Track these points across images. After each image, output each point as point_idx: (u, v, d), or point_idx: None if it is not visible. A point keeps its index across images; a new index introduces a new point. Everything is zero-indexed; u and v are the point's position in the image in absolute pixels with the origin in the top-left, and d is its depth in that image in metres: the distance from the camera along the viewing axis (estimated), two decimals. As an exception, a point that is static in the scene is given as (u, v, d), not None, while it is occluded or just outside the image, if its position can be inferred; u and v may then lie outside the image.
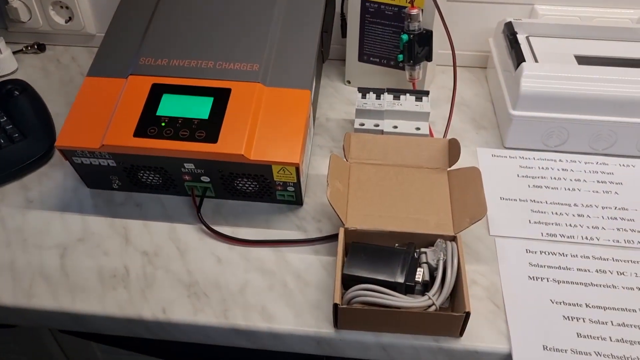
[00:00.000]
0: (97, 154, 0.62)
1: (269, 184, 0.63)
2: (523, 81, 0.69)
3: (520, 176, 0.70)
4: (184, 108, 0.62)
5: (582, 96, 0.68)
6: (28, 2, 0.91)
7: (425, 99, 0.72)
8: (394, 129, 0.71)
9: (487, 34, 0.86)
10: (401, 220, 0.59)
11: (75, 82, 0.88)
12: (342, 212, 0.59)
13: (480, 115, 0.80)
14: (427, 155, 0.65)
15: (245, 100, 0.62)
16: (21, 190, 0.69)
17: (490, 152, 0.74)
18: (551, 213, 0.65)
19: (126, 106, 0.62)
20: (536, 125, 0.71)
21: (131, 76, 0.65)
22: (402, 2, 0.74)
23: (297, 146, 0.60)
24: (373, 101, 0.71)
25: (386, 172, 0.64)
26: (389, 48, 0.79)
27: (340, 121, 0.79)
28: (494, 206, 0.66)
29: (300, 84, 0.64)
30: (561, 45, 0.77)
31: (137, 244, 0.62)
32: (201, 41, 0.68)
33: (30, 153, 0.71)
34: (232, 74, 0.64)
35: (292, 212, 0.66)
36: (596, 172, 0.70)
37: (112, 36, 0.70)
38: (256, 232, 0.63)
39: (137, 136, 0.60)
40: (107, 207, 0.67)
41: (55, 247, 0.62)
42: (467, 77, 0.88)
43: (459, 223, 0.58)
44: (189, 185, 0.65)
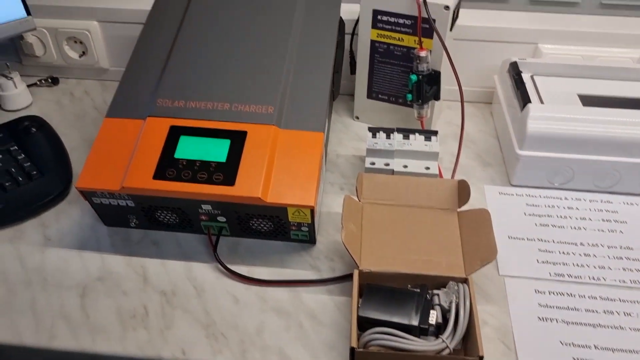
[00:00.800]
0: (116, 195, 0.64)
1: (283, 224, 0.65)
2: (530, 122, 0.71)
3: (527, 214, 0.72)
4: (201, 150, 0.64)
5: (587, 137, 0.70)
6: (43, 37, 0.93)
7: (434, 139, 0.74)
8: (404, 168, 0.72)
9: (492, 71, 0.88)
10: (413, 261, 0.61)
11: (88, 116, 0.90)
12: (356, 254, 0.60)
13: (485, 152, 0.82)
14: (438, 196, 0.67)
15: (261, 143, 0.64)
16: (39, 227, 0.70)
17: (497, 190, 0.76)
18: (558, 252, 0.67)
19: (145, 148, 0.64)
20: (542, 164, 0.73)
21: (149, 118, 0.67)
22: (410, 43, 0.76)
23: (311, 188, 0.61)
24: (383, 141, 0.73)
25: (398, 212, 0.66)
26: (397, 86, 0.81)
27: (349, 157, 0.81)
28: (502, 245, 0.68)
29: (314, 127, 0.66)
30: (565, 85, 0.79)
31: (155, 283, 0.64)
32: (217, 83, 0.69)
33: (48, 190, 0.72)
34: (247, 116, 0.66)
35: (305, 251, 0.67)
36: (601, 211, 0.72)
37: (130, 76, 0.72)
38: (271, 272, 0.65)
39: (156, 178, 0.62)
40: (124, 246, 0.68)
41: (75, 286, 0.63)
42: (472, 113, 0.90)
43: (470, 265, 0.60)
44: (206, 225, 0.67)
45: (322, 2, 0.79)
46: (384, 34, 0.77)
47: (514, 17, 0.85)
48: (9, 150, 0.76)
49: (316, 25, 0.76)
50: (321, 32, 0.75)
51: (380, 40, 0.78)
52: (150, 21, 0.78)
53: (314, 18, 0.77)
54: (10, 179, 0.72)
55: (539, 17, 0.86)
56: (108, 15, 0.90)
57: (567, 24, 0.84)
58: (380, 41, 0.78)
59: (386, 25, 0.76)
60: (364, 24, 0.77)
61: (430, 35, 0.74)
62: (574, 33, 0.84)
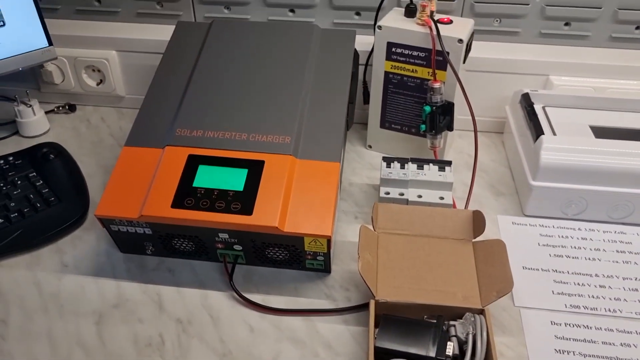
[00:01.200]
0: (134, 222, 0.64)
1: (299, 253, 0.65)
2: (543, 154, 0.71)
3: (541, 245, 0.72)
4: (219, 179, 0.64)
5: (600, 168, 0.71)
6: (62, 65, 0.95)
7: (448, 169, 0.74)
8: (419, 198, 0.73)
9: (503, 102, 0.90)
10: (429, 292, 0.61)
11: (105, 143, 0.91)
12: (373, 284, 0.61)
13: (498, 181, 0.83)
14: (452, 226, 0.67)
15: (278, 173, 0.65)
16: (56, 254, 0.71)
17: (510, 220, 0.76)
18: (573, 284, 0.67)
19: (163, 176, 0.65)
20: (555, 195, 0.73)
21: (168, 147, 0.68)
22: (424, 75, 0.78)
23: (328, 218, 0.62)
24: (398, 170, 0.74)
25: (413, 242, 0.66)
26: (410, 116, 0.82)
27: (363, 186, 0.82)
28: (517, 276, 0.68)
29: (330, 157, 0.67)
30: (577, 116, 0.80)
31: (170, 311, 0.64)
32: (234, 113, 0.71)
33: (66, 217, 0.73)
34: (264, 146, 0.67)
35: (320, 280, 0.67)
36: (615, 242, 0.72)
37: (149, 106, 0.73)
38: (286, 301, 0.65)
39: (175, 207, 0.62)
40: (140, 273, 0.68)
41: (91, 313, 0.64)
42: (483, 142, 0.91)
43: (486, 296, 0.60)
44: (221, 253, 0.67)
45: (337, 35, 0.81)
46: (398, 66, 0.78)
47: (526, 49, 0.87)
48: (27, 177, 0.77)
49: (332, 57, 0.78)
50: (336, 64, 0.77)
51: (394, 71, 0.79)
52: (169, 51, 0.80)
53: (329, 50, 0.79)
54: (29, 205, 0.73)
55: (550, 49, 0.87)
56: (126, 45, 0.92)
57: (578, 56, 0.86)
58: (394, 72, 0.79)
59: (400, 57, 0.78)
60: (379, 55, 0.79)
61: (444, 67, 0.76)
62: (584, 65, 0.85)
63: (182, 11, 0.92)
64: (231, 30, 0.82)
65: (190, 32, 0.83)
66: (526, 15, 0.85)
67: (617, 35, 0.86)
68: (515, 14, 0.85)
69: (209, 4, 0.91)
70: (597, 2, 0.83)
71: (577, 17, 0.85)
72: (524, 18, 0.86)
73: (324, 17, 0.89)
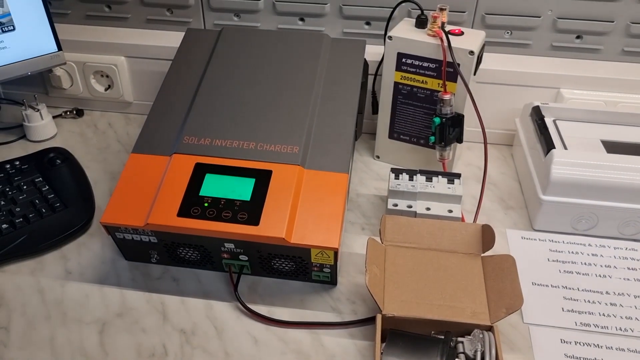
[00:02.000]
0: (140, 231, 0.64)
1: (306, 265, 0.64)
2: (553, 168, 0.70)
3: (551, 260, 0.71)
4: (226, 189, 0.64)
5: (611, 184, 0.70)
6: (71, 70, 0.95)
7: (457, 182, 0.73)
8: (427, 210, 0.72)
9: (513, 114, 0.89)
10: (437, 307, 0.60)
11: (111, 149, 0.91)
12: (379, 298, 0.60)
13: (507, 195, 0.82)
14: (461, 240, 0.66)
15: (285, 183, 0.64)
16: (60, 260, 0.70)
17: (519, 234, 0.75)
18: (584, 301, 0.66)
19: (170, 185, 0.65)
20: (565, 210, 0.72)
21: (175, 155, 0.67)
22: (434, 86, 0.77)
23: (335, 230, 0.61)
24: (406, 182, 0.73)
25: (421, 256, 0.65)
26: (419, 127, 0.82)
27: (370, 197, 0.81)
28: (526, 292, 0.66)
29: (338, 168, 0.66)
30: (588, 130, 0.79)
31: (174, 322, 0.63)
32: (243, 122, 0.70)
33: (71, 223, 0.73)
34: (272, 155, 0.67)
35: (326, 292, 0.67)
36: (626, 259, 0.71)
37: (157, 113, 0.73)
38: (291, 313, 0.64)
39: (181, 216, 0.62)
40: (144, 281, 0.68)
41: (94, 322, 0.63)
42: (493, 154, 0.90)
43: (495, 313, 0.59)
44: (227, 263, 0.67)
45: (347, 45, 0.81)
46: (408, 77, 0.78)
47: (537, 62, 0.86)
48: (34, 182, 0.77)
49: (341, 68, 0.77)
50: (346, 74, 0.76)
51: (404, 82, 0.79)
52: (178, 59, 0.80)
53: (339, 60, 0.78)
54: (34, 211, 0.73)
55: (561, 62, 0.86)
56: (135, 51, 0.92)
57: (589, 69, 0.85)
58: (403, 83, 0.79)
59: (410, 68, 0.77)
60: (388, 66, 0.78)
61: (454, 79, 0.75)
62: (596, 79, 0.84)
63: (191, 18, 0.92)
64: (241, 39, 0.81)
65: (199, 39, 0.82)
66: (538, 27, 0.85)
67: (630, 49, 0.85)
68: (526, 26, 0.85)
69: (219, 12, 0.91)
70: (610, 15, 0.82)
71: (589, 30, 0.84)
72: (535, 30, 0.85)
73: (334, 26, 0.89)
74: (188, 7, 0.91)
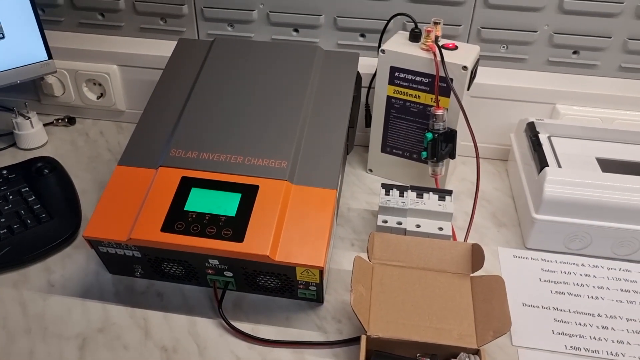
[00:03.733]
0: (123, 245, 0.63)
1: (291, 282, 0.63)
2: (547, 187, 0.69)
3: (543, 280, 0.70)
4: (211, 204, 0.63)
5: (605, 204, 0.68)
6: (63, 78, 0.94)
7: (448, 199, 0.72)
8: (417, 227, 0.71)
9: (508, 129, 0.88)
10: (424, 329, 0.59)
11: (101, 158, 0.90)
12: (365, 319, 0.58)
13: (500, 211, 0.81)
14: (450, 259, 0.65)
15: (272, 199, 0.63)
16: (44, 272, 0.69)
17: (511, 253, 0.74)
18: (575, 323, 0.64)
19: (155, 198, 0.64)
20: (558, 229, 0.71)
21: (161, 167, 0.66)
22: (427, 101, 0.76)
23: (321, 248, 0.60)
24: (397, 199, 0.72)
25: (409, 275, 0.64)
26: (412, 142, 0.81)
27: (361, 212, 0.80)
28: (516, 313, 0.65)
29: (326, 184, 0.65)
30: (583, 147, 0.78)
31: (156, 338, 0.62)
32: (231, 135, 0.69)
33: (56, 235, 0.72)
34: (260, 170, 0.66)
35: (312, 310, 0.65)
36: (619, 280, 0.70)
37: (145, 125, 0.72)
38: (276, 331, 0.63)
39: (165, 231, 0.61)
40: (128, 295, 0.67)
41: (74, 337, 0.62)
42: (487, 169, 0.89)
43: (483, 336, 0.57)
44: (212, 279, 0.65)
45: (340, 57, 0.80)
46: (401, 90, 0.77)
47: (532, 77, 0.85)
48: (20, 192, 0.76)
49: (333, 80, 0.76)
50: (338, 88, 0.75)
51: (397, 96, 0.78)
52: (169, 69, 0.79)
53: (331, 73, 0.77)
54: (19, 222, 0.72)
55: (558, 77, 0.85)
56: (128, 60, 0.91)
57: (586, 85, 0.84)
58: (396, 97, 0.78)
59: (403, 82, 0.76)
60: (381, 79, 0.77)
61: (447, 94, 0.74)
62: (592, 95, 0.83)
63: (185, 27, 0.91)
64: (233, 49, 0.80)
65: (191, 49, 0.82)
66: (534, 42, 0.84)
67: (627, 65, 0.84)
68: (522, 41, 0.84)
69: (213, 21, 0.90)
70: (607, 31, 0.81)
71: (586, 46, 0.83)
72: (531, 45, 0.84)
73: (329, 37, 0.88)
74: (182, 17, 0.90)
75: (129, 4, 0.90)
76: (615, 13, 0.79)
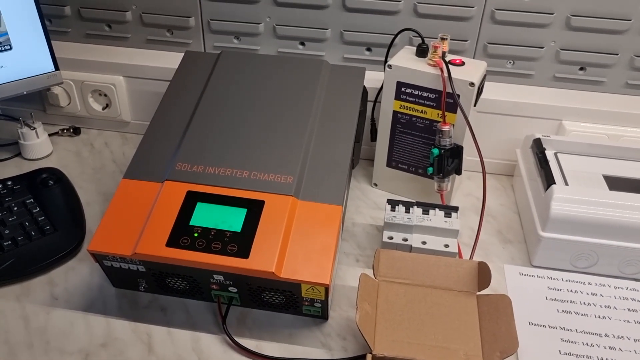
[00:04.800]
0: (128, 259, 0.62)
1: (296, 299, 0.63)
2: (553, 205, 0.69)
3: (549, 299, 0.69)
4: (217, 219, 0.62)
5: (613, 222, 0.68)
6: (69, 88, 0.94)
7: (454, 215, 0.72)
8: (423, 244, 0.70)
9: (514, 144, 0.87)
10: (429, 348, 0.58)
11: (106, 169, 0.90)
12: (370, 338, 0.58)
13: (506, 228, 0.80)
14: (456, 277, 0.64)
15: (278, 214, 0.63)
16: (47, 285, 0.69)
17: (517, 270, 0.73)
18: (582, 343, 0.64)
19: (160, 213, 0.63)
20: (565, 247, 0.71)
21: (167, 181, 0.66)
22: (433, 116, 0.76)
23: (327, 265, 0.60)
24: (402, 215, 0.72)
25: (415, 293, 0.63)
26: (418, 157, 0.80)
27: (366, 227, 0.79)
28: (523, 333, 0.65)
29: (332, 200, 0.65)
30: (590, 164, 0.78)
31: (159, 354, 0.61)
32: (237, 149, 0.69)
33: (60, 247, 0.71)
34: (266, 185, 0.65)
35: (317, 326, 0.65)
36: (627, 299, 0.69)
37: (151, 139, 0.72)
38: (280, 348, 0.62)
39: (170, 246, 0.60)
40: (131, 310, 0.66)
41: (77, 352, 0.61)
42: (492, 185, 0.89)
43: (489, 356, 0.57)
44: (216, 294, 0.65)
45: (346, 72, 0.80)
46: (407, 106, 0.77)
47: (539, 93, 0.85)
48: (24, 203, 0.76)
49: (340, 95, 0.76)
50: (344, 102, 0.75)
51: (403, 111, 0.77)
52: (175, 82, 0.79)
53: (337, 87, 0.77)
54: (23, 233, 0.72)
55: (564, 93, 0.85)
56: (134, 71, 0.91)
57: (592, 102, 0.84)
58: (402, 112, 0.78)
59: (409, 97, 0.76)
60: (387, 94, 0.77)
61: (454, 110, 0.74)
62: (599, 112, 0.83)
63: (191, 39, 0.91)
64: (239, 63, 0.80)
65: (197, 62, 0.82)
66: (540, 58, 0.84)
67: (634, 82, 0.83)
68: (529, 57, 0.84)
69: (219, 34, 0.90)
70: (614, 48, 0.81)
71: (593, 62, 0.83)
72: (538, 61, 0.84)
73: (335, 51, 0.88)
74: (188, 29, 0.90)
75: (136, 16, 0.90)
76: (622, 30, 0.79)
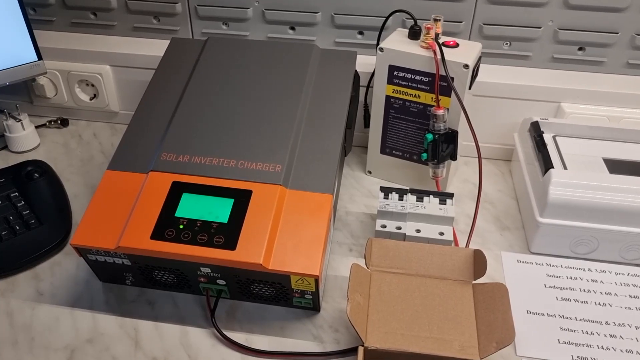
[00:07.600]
0: (112, 253, 0.61)
1: (286, 291, 0.61)
2: (552, 189, 0.67)
3: (548, 286, 0.67)
4: (203, 210, 0.61)
5: (613, 207, 0.66)
6: (55, 79, 0.92)
7: (449, 202, 0.70)
8: (417, 232, 0.69)
9: (512, 128, 0.85)
10: (423, 339, 0.56)
11: (94, 161, 0.88)
12: (362, 330, 0.56)
13: (504, 214, 0.78)
14: (451, 265, 0.63)
15: (266, 204, 0.61)
16: (32, 280, 0.67)
17: (515, 258, 0.71)
18: (582, 332, 0.62)
19: (145, 204, 0.61)
20: (564, 233, 0.69)
21: (152, 172, 0.64)
22: (427, 100, 0.74)
23: (316, 256, 0.58)
24: (396, 202, 0.70)
25: (409, 283, 0.62)
26: (412, 143, 0.78)
27: (360, 215, 0.77)
28: (521, 321, 0.63)
29: (322, 188, 0.63)
30: (589, 147, 0.75)
31: (147, 349, 0.60)
32: (224, 138, 0.67)
33: (45, 241, 0.70)
34: (253, 174, 0.63)
35: (308, 318, 0.63)
36: (627, 285, 0.67)
37: (135, 128, 0.70)
38: (271, 341, 0.61)
39: (154, 239, 0.59)
40: (118, 304, 0.65)
41: (62, 348, 0.60)
42: (490, 170, 0.86)
43: (485, 347, 0.55)
44: (204, 287, 0.63)
45: (337, 56, 0.77)
46: (400, 90, 0.74)
47: (537, 75, 0.82)
48: (9, 197, 0.74)
49: (330, 80, 0.74)
50: (335, 88, 0.73)
51: (396, 96, 0.75)
52: (161, 69, 0.77)
53: (328, 72, 0.75)
54: (7, 228, 0.70)
55: (563, 74, 0.82)
56: (121, 60, 0.89)
57: (592, 83, 0.81)
58: (395, 97, 0.75)
59: (402, 81, 0.73)
60: (380, 79, 0.75)
61: (448, 93, 0.71)
62: (599, 93, 0.80)
63: (179, 26, 0.89)
64: (226, 49, 0.78)
65: (184, 49, 0.79)
66: (538, 38, 0.81)
67: (635, 61, 0.81)
68: (526, 37, 0.81)
69: (207, 20, 0.87)
70: (614, 26, 0.78)
71: (592, 42, 0.80)
72: (535, 41, 0.81)
73: (326, 35, 0.86)
74: (175, 15, 0.88)
75: (122, 3, 0.88)
76: (622, 8, 0.77)
